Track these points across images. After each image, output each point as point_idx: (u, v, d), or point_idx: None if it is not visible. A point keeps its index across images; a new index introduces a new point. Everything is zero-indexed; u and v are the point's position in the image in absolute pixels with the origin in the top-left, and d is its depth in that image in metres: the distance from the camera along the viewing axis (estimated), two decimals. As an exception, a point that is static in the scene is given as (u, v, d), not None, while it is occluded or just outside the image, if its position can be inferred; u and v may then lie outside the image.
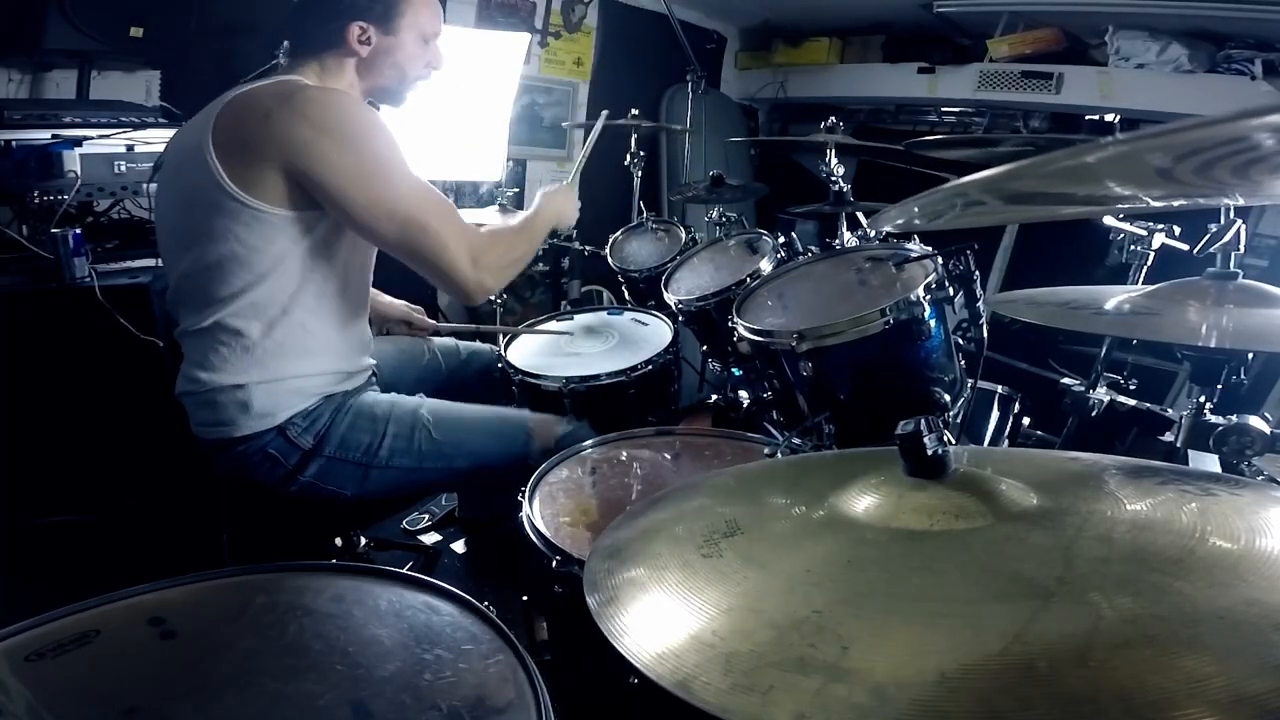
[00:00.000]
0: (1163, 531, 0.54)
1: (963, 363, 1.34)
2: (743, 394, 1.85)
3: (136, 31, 2.09)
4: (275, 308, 1.24)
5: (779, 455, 1.23)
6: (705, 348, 1.98)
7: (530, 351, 1.81)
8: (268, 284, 1.22)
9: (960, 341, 1.31)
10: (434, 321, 1.83)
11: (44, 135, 1.77)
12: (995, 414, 1.74)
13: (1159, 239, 1.58)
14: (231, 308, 1.22)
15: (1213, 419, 1.06)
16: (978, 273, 1.25)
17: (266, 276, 1.22)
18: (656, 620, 0.55)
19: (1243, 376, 1.09)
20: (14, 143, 1.73)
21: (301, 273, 1.25)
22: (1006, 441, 1.72)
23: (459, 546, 2.12)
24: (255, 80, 1.24)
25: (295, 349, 1.28)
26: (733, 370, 1.93)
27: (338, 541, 1.58)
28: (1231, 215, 1.03)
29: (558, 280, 3.49)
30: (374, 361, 1.49)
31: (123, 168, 1.82)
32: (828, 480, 0.70)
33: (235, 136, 1.17)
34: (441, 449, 1.36)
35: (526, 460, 1.39)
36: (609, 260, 2.39)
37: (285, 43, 1.33)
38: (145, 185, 1.80)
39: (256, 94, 1.20)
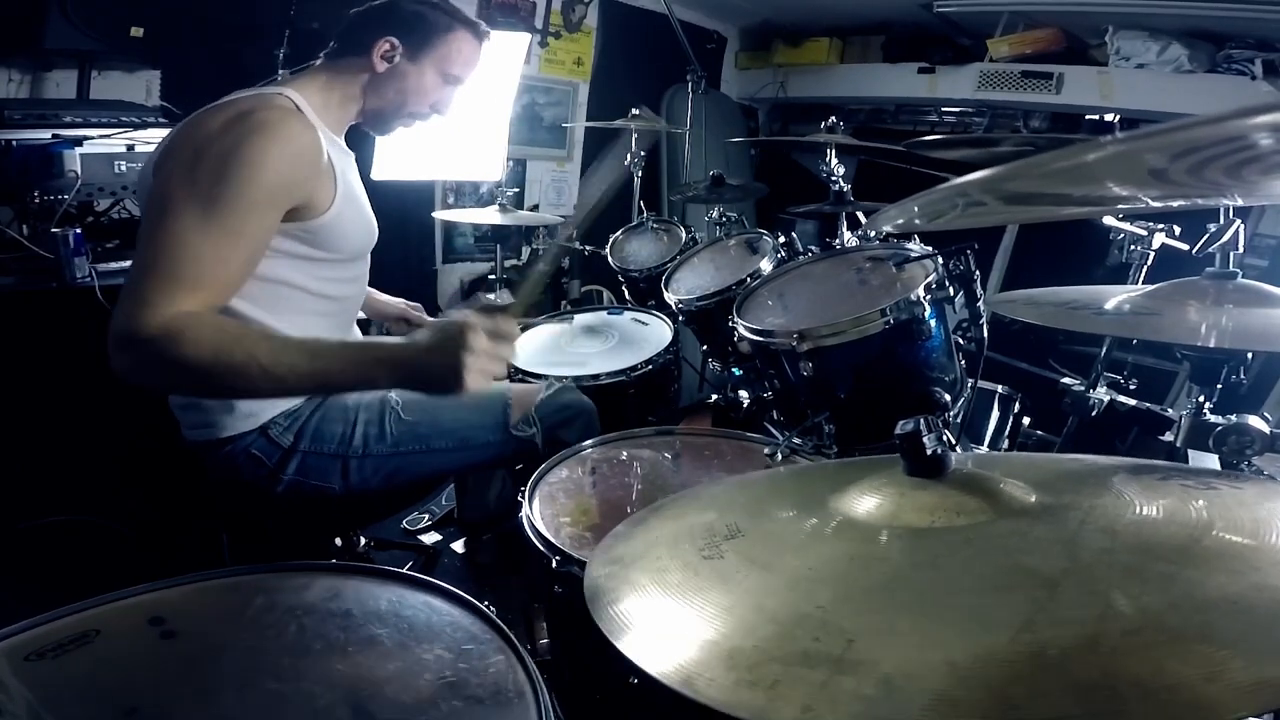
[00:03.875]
0: (1167, 524, 0.54)
1: (963, 362, 1.34)
2: (743, 394, 1.85)
3: (136, 31, 2.09)
4: (258, 311, 1.22)
5: (779, 455, 1.23)
6: (705, 348, 1.99)
7: (530, 351, 1.81)
8: (248, 287, 1.18)
9: (960, 341, 1.32)
10: (432, 319, 1.78)
11: (44, 135, 1.77)
12: (995, 414, 1.74)
13: (1159, 239, 1.58)
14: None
15: (1212, 419, 1.06)
16: (978, 273, 1.25)
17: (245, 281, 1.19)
18: (658, 620, 0.55)
19: (1242, 376, 1.09)
20: (14, 143, 1.74)
21: (281, 279, 1.22)
22: (1006, 442, 1.73)
23: (459, 546, 2.12)
24: (247, 90, 1.21)
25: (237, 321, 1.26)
26: (733, 370, 1.93)
27: (338, 541, 1.58)
28: (1231, 215, 1.03)
29: (558, 280, 3.49)
30: None
31: (123, 167, 1.82)
32: (828, 485, 0.70)
33: (181, 143, 1.12)
34: (415, 429, 1.35)
35: (510, 432, 1.37)
36: (609, 260, 2.39)
37: (284, 48, 1.30)
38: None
39: (218, 106, 1.15)
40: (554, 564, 1.00)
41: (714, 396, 2.11)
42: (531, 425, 1.37)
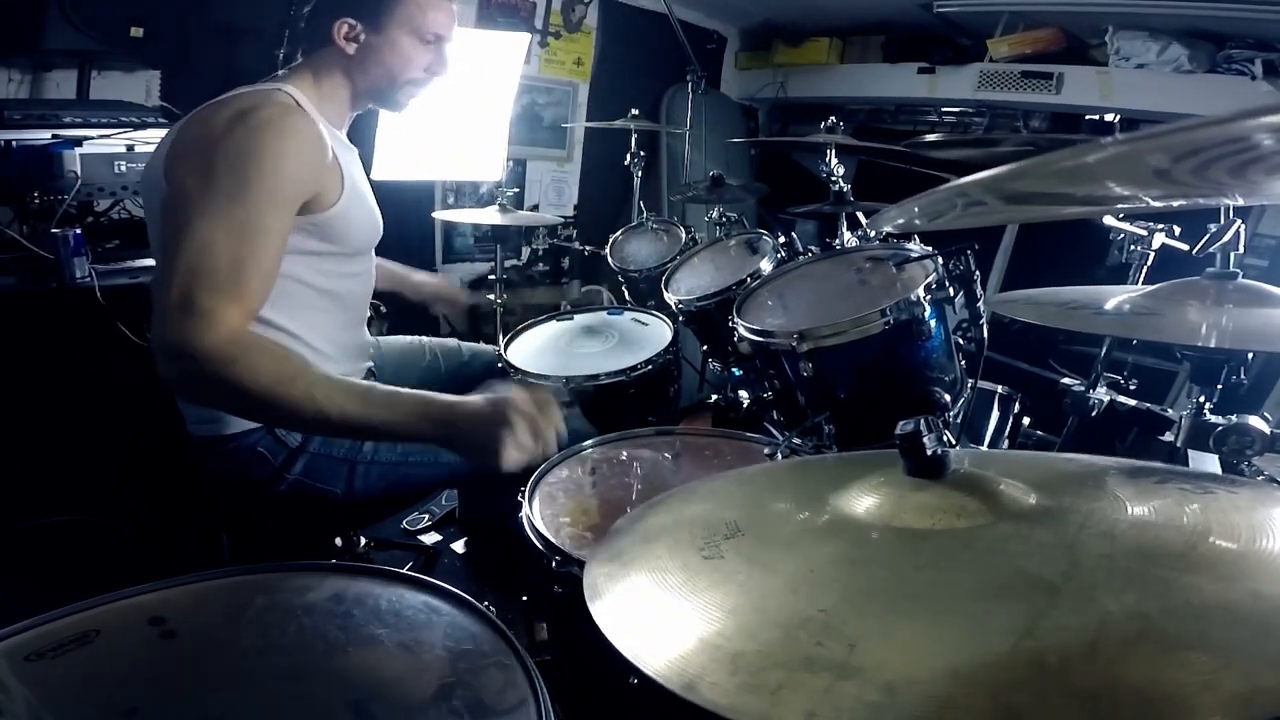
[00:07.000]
0: (1165, 529, 0.54)
1: (963, 363, 1.34)
2: (743, 394, 1.85)
3: (136, 31, 2.09)
4: (267, 309, 1.22)
5: (779, 455, 1.23)
6: (705, 348, 1.98)
7: (531, 351, 1.81)
8: None
9: (960, 341, 1.31)
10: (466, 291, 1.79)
11: (44, 135, 1.77)
12: (995, 414, 1.74)
13: (1159, 239, 1.58)
14: None
15: (1213, 419, 1.06)
16: (978, 273, 1.25)
17: None
18: (659, 622, 0.55)
19: (1243, 376, 1.09)
20: (14, 143, 1.74)
21: (287, 274, 1.20)
22: (1006, 442, 1.73)
23: (459, 546, 2.12)
24: (245, 87, 1.21)
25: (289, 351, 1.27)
26: (733, 370, 1.93)
27: (338, 541, 1.58)
28: (1231, 215, 1.03)
29: (558, 280, 3.49)
30: (372, 365, 1.49)
31: (123, 168, 1.82)
32: (828, 482, 0.70)
33: (188, 142, 1.13)
34: None
35: None
36: (609, 260, 2.39)
37: (284, 47, 1.31)
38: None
39: (219, 104, 1.15)
40: (554, 564, 1.00)
41: (714, 396, 2.11)
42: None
